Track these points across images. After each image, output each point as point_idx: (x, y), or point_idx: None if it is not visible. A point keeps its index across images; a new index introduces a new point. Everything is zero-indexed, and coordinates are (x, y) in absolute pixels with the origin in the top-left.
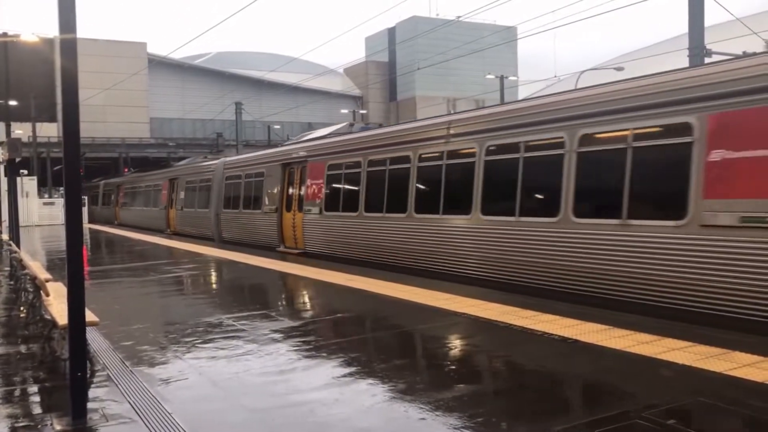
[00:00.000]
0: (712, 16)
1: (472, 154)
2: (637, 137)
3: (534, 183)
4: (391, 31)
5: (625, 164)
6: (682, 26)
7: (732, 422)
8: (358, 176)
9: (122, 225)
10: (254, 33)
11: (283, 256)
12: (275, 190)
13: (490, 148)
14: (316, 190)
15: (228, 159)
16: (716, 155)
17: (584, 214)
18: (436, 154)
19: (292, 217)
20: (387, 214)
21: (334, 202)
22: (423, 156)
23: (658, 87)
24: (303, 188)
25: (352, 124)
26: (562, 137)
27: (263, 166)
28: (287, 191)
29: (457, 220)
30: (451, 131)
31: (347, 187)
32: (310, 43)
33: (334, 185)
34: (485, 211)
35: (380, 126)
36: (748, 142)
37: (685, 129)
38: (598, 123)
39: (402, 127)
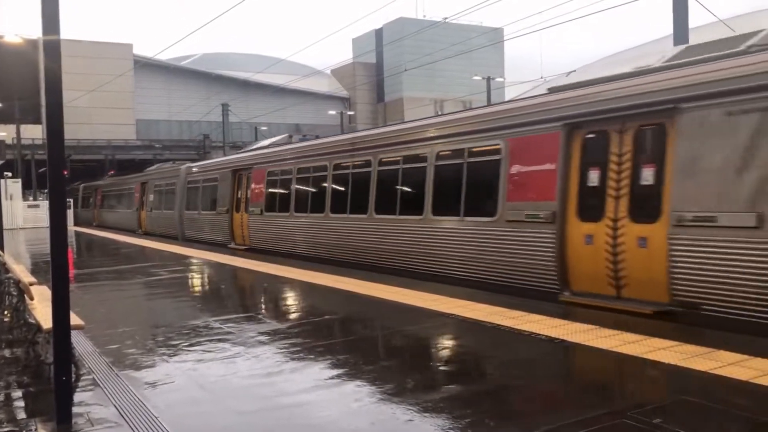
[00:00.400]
0: (696, 17)
1: (369, 164)
2: (470, 154)
3: (409, 188)
4: (378, 33)
5: (462, 175)
6: (667, 27)
7: (717, 421)
8: (290, 181)
9: (100, 226)
10: (241, 34)
11: (233, 252)
12: (227, 194)
13: (382, 160)
14: (258, 194)
15: (190, 165)
16: (512, 170)
17: (439, 213)
18: (346, 164)
19: (240, 218)
20: (311, 214)
21: (272, 204)
22: (336, 165)
23: (483, 117)
24: (248, 192)
25: (290, 136)
26: (426, 153)
27: (217, 172)
28: (236, 194)
29: (342, 220)
30: (355, 147)
31: (282, 191)
32: (298, 44)
33: (272, 189)
34: (349, 210)
35: (317, 137)
36: (528, 161)
37: (496, 150)
38: (449, 143)
39: (322, 141)
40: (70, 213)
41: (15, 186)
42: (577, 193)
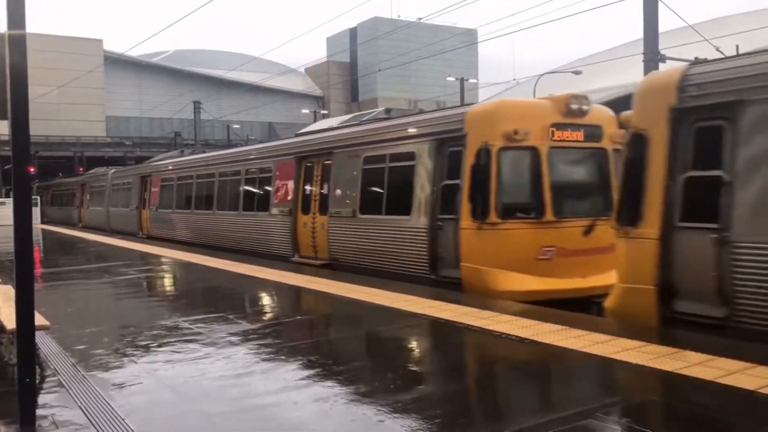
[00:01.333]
0: (666, 22)
1: (238, 173)
2: (392, 158)
3: (341, 191)
4: (353, 32)
5: (384, 178)
6: (638, 31)
7: (684, 420)
8: (172, 186)
9: (50, 222)
10: (214, 31)
11: (142, 240)
12: (136, 194)
13: (222, 172)
14: (155, 195)
15: (115, 169)
16: (277, 183)
17: (366, 212)
18: (217, 173)
19: (147, 213)
20: (195, 211)
21: (165, 203)
22: (221, 173)
23: (261, 150)
24: (149, 194)
25: (182, 151)
26: (359, 155)
27: (131, 176)
28: (142, 195)
29: (211, 215)
30: (223, 160)
31: (173, 193)
32: (272, 42)
33: (167, 192)
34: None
35: (204, 152)
36: (284, 176)
37: (411, 155)
38: (241, 165)
39: (209, 155)
40: (36, 210)
41: None
42: (302, 197)
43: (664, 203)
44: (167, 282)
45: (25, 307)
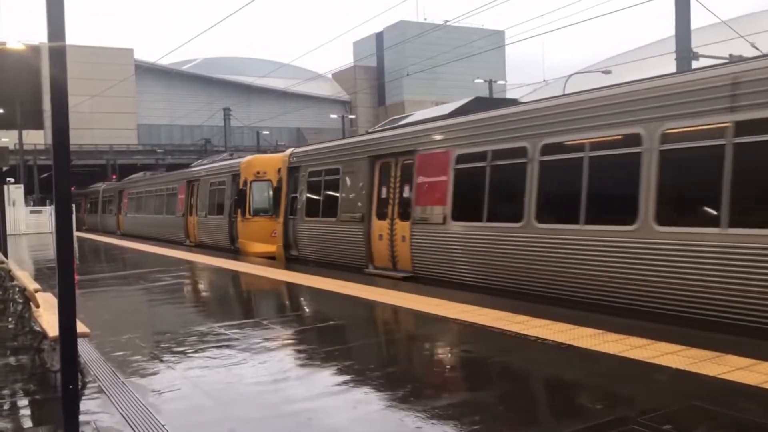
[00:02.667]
0: (698, 18)
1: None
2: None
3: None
4: (379, 36)
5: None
6: (669, 29)
7: (727, 426)
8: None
9: (88, 229)
10: (243, 38)
11: (120, 237)
12: (115, 204)
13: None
14: (126, 205)
15: (105, 184)
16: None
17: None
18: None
19: (122, 217)
20: (166, 216)
21: (132, 210)
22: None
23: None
24: (123, 204)
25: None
26: (338, 168)
27: (113, 191)
28: (120, 204)
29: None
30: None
31: (135, 203)
32: (299, 48)
33: (132, 202)
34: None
35: (167, 171)
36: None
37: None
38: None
39: (174, 171)
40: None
41: (18, 192)
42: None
43: (286, 206)
44: (218, 290)
45: (67, 316)
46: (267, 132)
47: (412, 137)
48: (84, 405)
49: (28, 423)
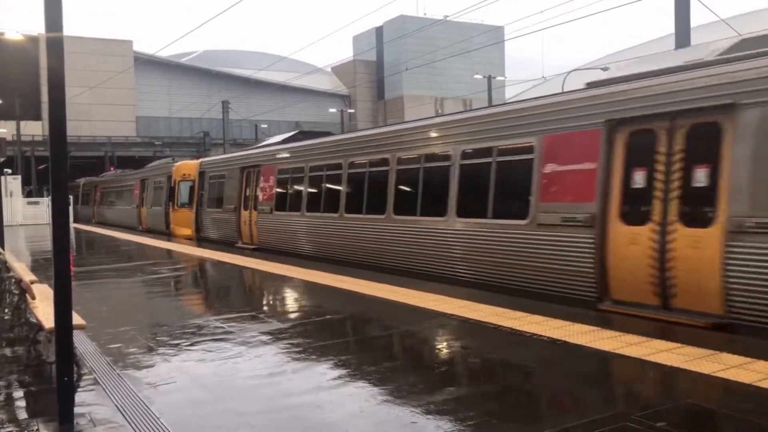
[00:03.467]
0: (698, 16)
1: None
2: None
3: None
4: (379, 30)
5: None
6: (669, 27)
7: (721, 424)
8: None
9: (100, 223)
10: (242, 31)
11: (94, 225)
12: (91, 197)
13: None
14: (99, 198)
15: (85, 179)
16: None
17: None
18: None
19: (96, 208)
20: (125, 207)
21: (104, 202)
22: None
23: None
24: (97, 197)
25: (116, 172)
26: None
27: (90, 185)
28: (94, 197)
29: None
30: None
31: (105, 197)
32: (298, 41)
33: (104, 196)
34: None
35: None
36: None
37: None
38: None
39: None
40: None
41: (15, 183)
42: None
43: (197, 201)
44: (145, 254)
45: (63, 307)
46: (265, 125)
47: (258, 155)
48: (79, 397)
49: (23, 414)
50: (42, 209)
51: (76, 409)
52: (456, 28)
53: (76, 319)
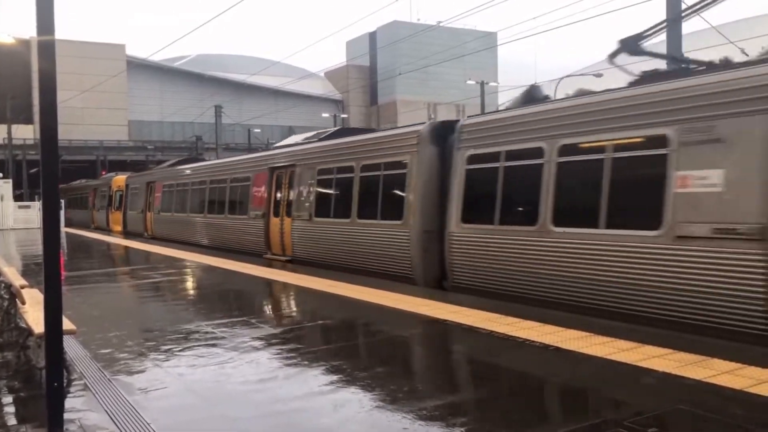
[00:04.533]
0: (689, 24)
1: (106, 191)
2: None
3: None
4: (372, 36)
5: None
6: (660, 34)
7: (712, 430)
8: (75, 197)
9: (98, 228)
10: (235, 36)
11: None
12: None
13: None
14: (65, 202)
15: (70, 185)
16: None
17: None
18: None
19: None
20: (85, 210)
21: (73, 206)
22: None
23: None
24: (66, 200)
25: (80, 182)
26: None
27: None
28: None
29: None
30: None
31: (73, 202)
32: (292, 46)
33: (69, 202)
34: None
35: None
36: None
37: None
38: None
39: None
40: (62, 214)
41: (6, 186)
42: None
43: (125, 205)
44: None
45: (53, 312)
46: (258, 130)
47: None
48: (69, 403)
49: (12, 420)
50: (33, 213)
51: (66, 415)
52: (449, 34)
53: (67, 324)
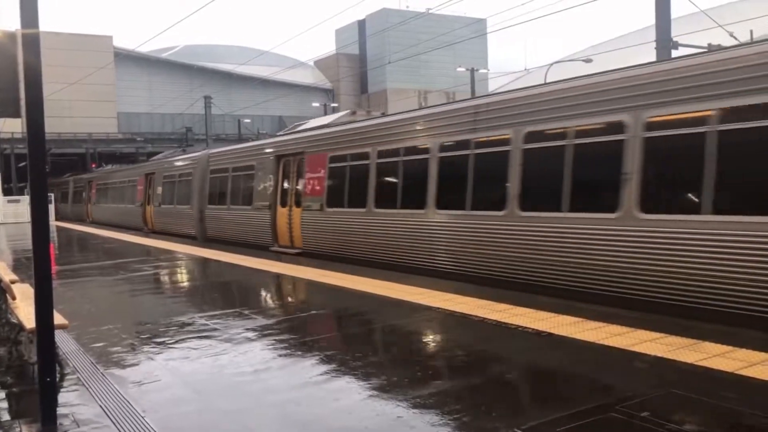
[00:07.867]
0: (679, 7)
1: (82, 186)
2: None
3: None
4: (362, 24)
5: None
6: (650, 18)
7: (704, 413)
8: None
9: (95, 222)
10: (224, 26)
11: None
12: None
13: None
14: (88, 196)
15: (62, 179)
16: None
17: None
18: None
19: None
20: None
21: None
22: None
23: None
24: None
25: (71, 175)
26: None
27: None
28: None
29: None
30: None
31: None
32: (281, 35)
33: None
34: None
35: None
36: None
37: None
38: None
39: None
40: (51, 208)
41: None
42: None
43: (95, 198)
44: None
45: (44, 307)
46: (248, 120)
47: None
48: (62, 397)
49: (5, 416)
50: (23, 207)
51: (60, 410)
52: (439, 21)
53: (58, 318)
